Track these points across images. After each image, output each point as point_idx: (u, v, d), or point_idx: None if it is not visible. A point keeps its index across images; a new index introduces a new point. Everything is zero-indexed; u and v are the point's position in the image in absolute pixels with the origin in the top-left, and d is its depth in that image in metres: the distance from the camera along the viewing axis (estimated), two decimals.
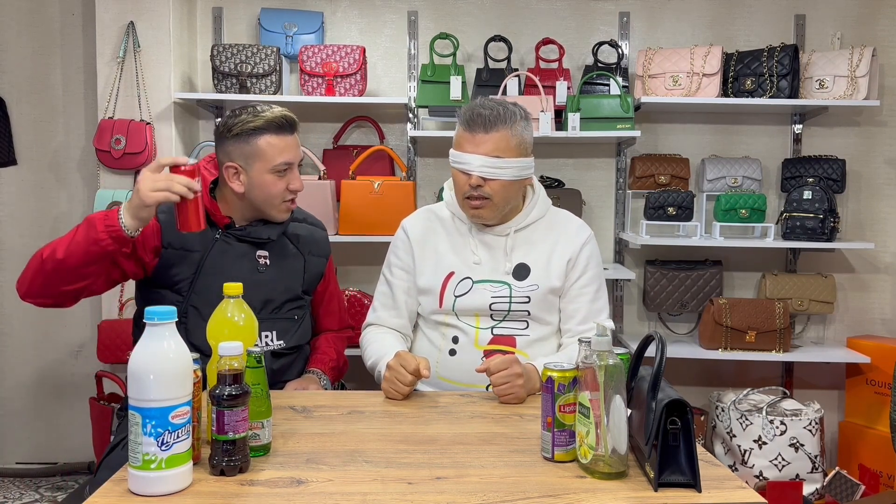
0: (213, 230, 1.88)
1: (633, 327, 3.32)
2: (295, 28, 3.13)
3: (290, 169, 1.88)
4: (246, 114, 1.85)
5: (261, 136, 1.83)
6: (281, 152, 1.84)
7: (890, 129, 3.25)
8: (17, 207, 3.29)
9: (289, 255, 1.98)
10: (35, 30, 3.24)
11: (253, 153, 1.84)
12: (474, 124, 1.82)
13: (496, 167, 1.81)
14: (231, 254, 1.89)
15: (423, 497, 1.18)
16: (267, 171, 1.84)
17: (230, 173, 1.87)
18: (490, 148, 1.81)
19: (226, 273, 1.84)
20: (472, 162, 1.81)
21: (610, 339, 1.27)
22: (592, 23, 3.26)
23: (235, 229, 1.90)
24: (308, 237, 2.04)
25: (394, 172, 3.14)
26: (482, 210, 1.86)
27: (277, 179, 1.86)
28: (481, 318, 1.89)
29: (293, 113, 1.90)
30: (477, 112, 1.82)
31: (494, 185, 1.83)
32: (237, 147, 1.85)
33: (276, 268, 1.94)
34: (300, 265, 2.00)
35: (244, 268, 1.89)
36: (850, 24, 3.22)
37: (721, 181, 3.13)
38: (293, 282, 1.98)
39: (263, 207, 1.89)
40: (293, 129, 1.88)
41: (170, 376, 1.17)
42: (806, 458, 2.73)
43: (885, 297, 3.28)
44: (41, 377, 3.33)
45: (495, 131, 1.81)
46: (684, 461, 1.21)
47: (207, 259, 1.86)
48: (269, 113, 1.85)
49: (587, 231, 1.97)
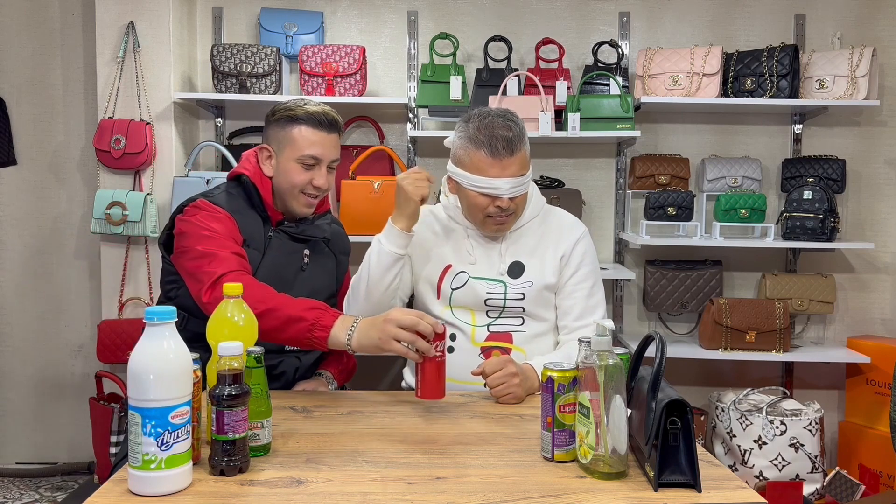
0: (266, 227, 1.90)
1: (633, 327, 3.32)
2: (295, 28, 3.12)
3: (317, 165, 1.88)
4: (294, 101, 1.90)
5: (297, 125, 1.86)
6: (311, 145, 1.86)
7: (890, 129, 3.25)
8: (17, 207, 3.29)
9: (323, 253, 2.02)
10: (35, 30, 3.24)
11: (286, 139, 1.87)
12: (497, 150, 1.79)
13: (522, 185, 1.84)
14: (283, 251, 1.91)
15: (423, 497, 1.18)
16: (294, 160, 1.86)
17: (263, 156, 1.91)
18: (516, 169, 1.82)
19: (279, 271, 1.87)
20: (502, 186, 1.81)
21: (610, 339, 1.27)
22: (592, 23, 3.26)
23: (286, 226, 1.93)
24: (335, 236, 2.07)
25: (394, 172, 3.14)
26: (507, 224, 1.90)
27: (302, 170, 1.87)
28: (477, 315, 1.91)
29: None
30: (497, 135, 1.79)
31: (519, 200, 1.87)
32: (275, 131, 1.89)
33: (316, 266, 1.97)
34: (332, 264, 2.04)
35: (293, 266, 1.92)
36: (850, 24, 3.22)
37: (721, 181, 3.13)
38: (329, 282, 2.02)
39: (286, 197, 1.90)
40: (333, 128, 1.89)
41: (170, 376, 1.17)
42: (806, 458, 2.73)
43: (885, 297, 3.28)
44: (41, 377, 3.32)
45: (518, 152, 1.82)
46: (684, 461, 1.21)
47: (266, 257, 1.87)
48: (312, 107, 1.88)
49: (581, 228, 1.98)
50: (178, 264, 1.81)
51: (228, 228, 1.80)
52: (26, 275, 3.30)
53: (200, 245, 1.74)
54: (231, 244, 1.77)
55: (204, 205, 1.83)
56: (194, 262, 1.73)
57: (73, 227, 3.29)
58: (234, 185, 1.93)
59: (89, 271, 3.28)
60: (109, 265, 3.02)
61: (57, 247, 3.30)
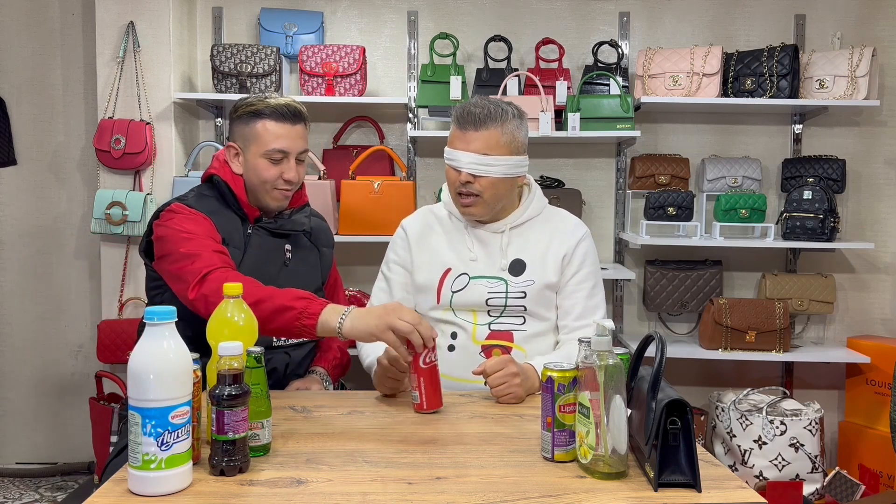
0: (245, 225, 1.89)
1: (633, 327, 3.32)
2: (295, 28, 3.13)
3: (285, 158, 1.87)
4: (255, 97, 1.89)
5: (260, 119, 1.85)
6: (276, 138, 1.85)
7: (890, 129, 3.25)
8: (17, 207, 3.29)
9: (306, 247, 2.01)
10: (35, 30, 3.24)
11: (251, 135, 1.86)
12: (465, 122, 1.84)
13: (485, 164, 1.83)
14: (264, 247, 1.90)
15: (423, 497, 1.18)
16: (260, 155, 1.85)
17: (231, 153, 1.90)
18: (479, 146, 1.83)
19: (262, 268, 1.86)
20: (461, 159, 1.84)
21: (610, 339, 1.27)
22: (592, 23, 3.26)
23: (264, 223, 1.92)
24: (317, 229, 2.06)
25: (394, 172, 3.15)
26: (473, 207, 1.89)
27: (270, 165, 1.85)
28: (478, 314, 1.91)
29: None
30: (468, 110, 1.85)
31: (483, 182, 1.85)
32: (240, 128, 1.88)
33: (299, 260, 1.97)
34: (316, 258, 2.03)
35: (276, 262, 1.91)
36: (850, 24, 3.22)
37: (721, 181, 3.13)
38: (314, 275, 2.01)
39: (259, 193, 1.89)
40: (297, 119, 1.88)
41: (170, 376, 1.17)
42: (806, 458, 2.73)
43: (885, 297, 3.28)
44: (41, 377, 3.33)
45: (485, 129, 1.83)
46: (684, 461, 1.21)
47: (247, 255, 1.87)
48: (274, 100, 1.87)
49: (583, 228, 1.99)
50: (160, 269, 1.81)
51: (206, 229, 1.80)
52: (26, 275, 3.30)
53: (181, 247, 1.74)
54: (211, 243, 1.77)
55: (179, 208, 1.83)
56: (177, 265, 1.73)
57: (73, 227, 3.29)
58: (206, 186, 1.92)
59: (89, 271, 3.28)
60: (109, 265, 3.02)
61: (57, 247, 3.30)
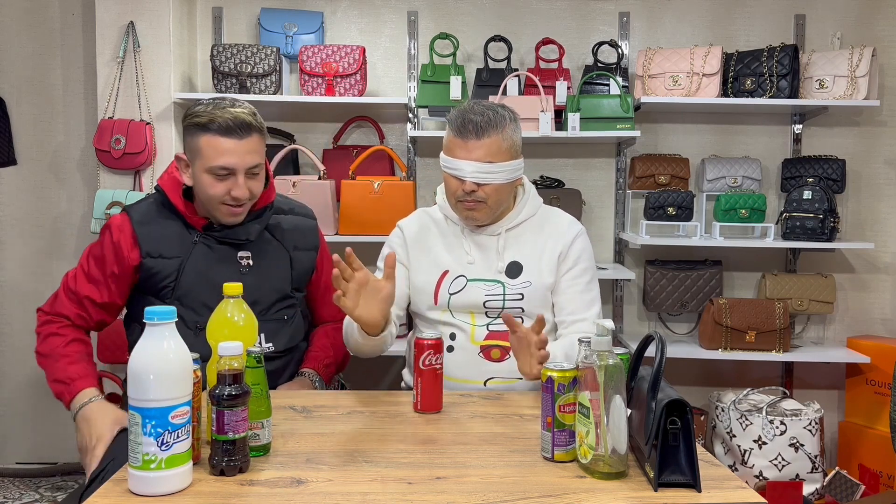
0: (191, 234, 1.85)
1: (633, 327, 3.32)
2: (295, 28, 3.12)
3: (232, 174, 1.75)
4: (203, 106, 1.76)
5: (204, 134, 1.73)
6: (220, 155, 1.73)
7: (890, 129, 3.25)
8: (17, 207, 3.29)
9: (272, 252, 1.92)
10: (35, 30, 3.24)
11: (195, 149, 1.76)
12: (465, 131, 1.81)
13: (489, 172, 1.81)
14: (212, 257, 1.85)
15: (423, 497, 1.18)
16: (205, 171, 1.75)
17: (181, 165, 1.83)
18: (482, 154, 1.81)
19: (208, 278, 1.81)
20: (464, 168, 1.81)
21: (610, 339, 1.27)
22: (592, 23, 3.26)
23: (214, 230, 1.86)
24: (292, 230, 1.97)
25: (394, 172, 3.15)
26: (476, 212, 1.87)
27: (216, 182, 1.75)
28: (476, 316, 1.91)
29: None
30: (468, 118, 1.81)
31: (488, 189, 1.84)
32: (187, 140, 1.79)
33: (260, 267, 1.89)
34: (285, 262, 1.94)
35: (227, 270, 1.83)
36: (850, 24, 3.22)
37: (721, 181, 3.13)
38: (280, 281, 1.93)
39: (207, 207, 1.81)
40: (245, 132, 1.74)
41: (170, 376, 1.17)
42: (806, 458, 2.73)
43: (885, 297, 3.28)
44: (41, 377, 3.30)
45: (487, 137, 1.81)
46: (684, 461, 1.21)
47: (188, 264, 1.83)
48: (220, 112, 1.73)
49: (578, 226, 1.99)
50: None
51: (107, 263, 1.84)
52: (26, 275, 3.30)
53: (69, 275, 1.91)
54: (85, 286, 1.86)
55: (110, 224, 1.87)
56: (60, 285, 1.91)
57: (73, 227, 3.29)
58: (157, 193, 1.90)
59: None
60: None
61: (57, 247, 3.30)
